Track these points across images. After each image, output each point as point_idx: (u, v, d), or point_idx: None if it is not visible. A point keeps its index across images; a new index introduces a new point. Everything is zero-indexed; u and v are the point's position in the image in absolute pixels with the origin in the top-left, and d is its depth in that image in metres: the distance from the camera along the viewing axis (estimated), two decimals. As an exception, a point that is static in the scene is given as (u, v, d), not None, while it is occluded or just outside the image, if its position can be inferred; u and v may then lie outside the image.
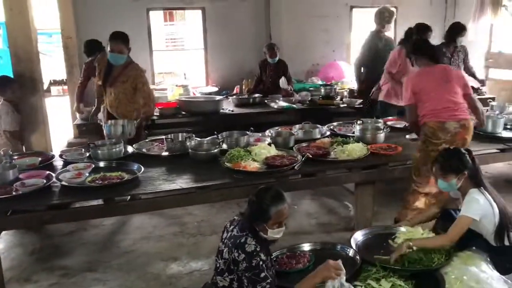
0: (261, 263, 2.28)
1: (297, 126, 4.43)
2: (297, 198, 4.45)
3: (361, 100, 6.12)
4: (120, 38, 4.07)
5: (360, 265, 2.73)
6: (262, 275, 2.26)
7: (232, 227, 2.49)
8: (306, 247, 3.01)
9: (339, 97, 6.40)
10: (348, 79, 7.57)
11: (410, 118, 3.70)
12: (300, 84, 7.36)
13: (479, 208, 2.79)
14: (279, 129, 4.44)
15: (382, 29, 5.44)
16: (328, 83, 7.33)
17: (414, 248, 2.80)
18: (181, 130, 4.36)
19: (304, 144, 3.99)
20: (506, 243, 2.86)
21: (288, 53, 7.35)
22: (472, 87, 6.65)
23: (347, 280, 2.44)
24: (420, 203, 3.62)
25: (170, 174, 3.40)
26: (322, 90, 6.46)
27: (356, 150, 3.74)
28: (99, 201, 3.08)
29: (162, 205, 3.30)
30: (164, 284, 3.10)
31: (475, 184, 2.92)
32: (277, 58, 6.53)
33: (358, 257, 2.80)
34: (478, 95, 6.57)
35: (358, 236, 3.10)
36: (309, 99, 6.28)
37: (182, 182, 3.24)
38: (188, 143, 3.82)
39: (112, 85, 4.21)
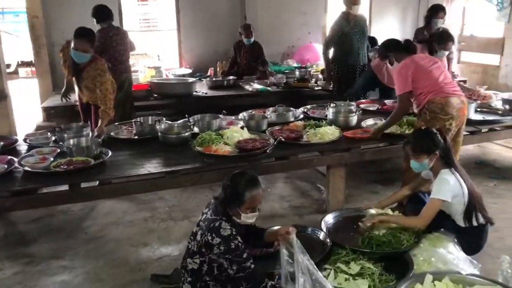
0: (240, 244, 2.30)
1: (271, 109, 4.39)
2: (270, 182, 4.42)
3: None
4: (85, 37, 3.80)
5: (330, 248, 2.74)
6: (245, 255, 2.30)
7: (207, 210, 2.49)
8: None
9: (314, 80, 6.39)
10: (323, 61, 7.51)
11: (404, 106, 3.60)
12: (275, 66, 7.28)
13: (450, 189, 2.82)
14: (253, 112, 4.39)
15: (350, 10, 5.38)
16: (304, 65, 7.28)
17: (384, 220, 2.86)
18: (153, 113, 4.25)
19: (277, 127, 3.96)
20: (474, 223, 2.91)
21: (263, 35, 7.25)
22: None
23: (317, 264, 2.48)
24: None
25: (139, 158, 3.32)
26: (297, 73, 6.44)
27: (329, 133, 3.73)
28: (65, 187, 2.98)
29: (130, 191, 3.23)
30: (133, 270, 3.04)
31: (446, 164, 2.94)
32: (252, 39, 6.43)
33: (328, 240, 2.80)
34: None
35: (329, 219, 3.11)
36: (284, 81, 6.24)
37: (151, 167, 3.17)
38: (158, 127, 3.73)
39: (78, 80, 4.02)
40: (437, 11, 5.33)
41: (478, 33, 7.66)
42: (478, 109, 4.51)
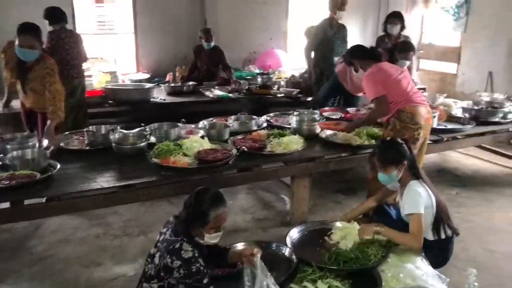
0: (201, 268, 2.14)
1: (233, 117, 4.23)
2: (232, 193, 4.25)
3: (298, 90, 6.04)
4: (30, 32, 3.45)
5: (296, 265, 2.60)
6: (205, 280, 2.14)
7: (165, 229, 2.31)
8: (239, 247, 2.83)
9: (276, 87, 6.28)
10: (285, 68, 7.45)
11: (382, 109, 3.47)
12: (237, 72, 7.13)
13: (422, 201, 2.75)
14: (214, 120, 4.21)
15: (334, 15, 5.33)
16: (266, 71, 7.16)
17: (381, 233, 2.75)
18: (107, 121, 3.99)
19: (239, 137, 3.80)
20: (442, 236, 2.86)
21: (224, 39, 7.07)
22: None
23: (282, 283, 2.35)
24: None
25: (91, 171, 3.07)
26: (259, 79, 6.30)
27: (293, 142, 3.61)
28: (6, 204, 2.70)
29: (80, 207, 2.97)
30: (84, 293, 2.80)
31: (414, 175, 2.88)
32: (212, 43, 6.24)
33: (293, 256, 2.67)
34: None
35: (294, 234, 2.98)
36: (246, 88, 6.10)
37: (103, 181, 2.93)
38: (111, 136, 3.49)
39: (24, 82, 3.67)
40: (392, 17, 5.36)
41: (436, 42, 7.81)
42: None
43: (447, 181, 4.68)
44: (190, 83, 6.12)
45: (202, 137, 3.64)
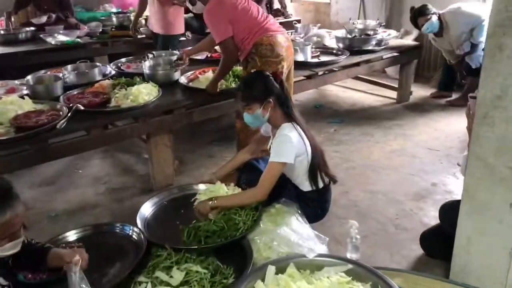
0: None
1: (69, 67, 3.39)
2: (84, 159, 3.52)
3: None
4: None
5: (145, 251, 2.05)
6: None
7: None
8: (72, 235, 2.20)
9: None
10: (148, 5, 6.50)
11: (231, 54, 2.93)
12: (89, 13, 6.08)
13: (292, 148, 2.31)
14: (44, 73, 3.35)
15: None
16: (125, 10, 6.19)
17: (218, 206, 2.27)
18: None
19: (76, 92, 3.04)
20: (320, 184, 2.50)
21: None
22: (277, 9, 6.36)
23: (129, 276, 1.85)
24: None
25: None
26: (114, 19, 5.37)
27: (143, 93, 2.95)
28: None
29: None
30: None
31: (286, 115, 2.42)
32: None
33: (143, 239, 2.11)
34: (285, 17, 6.30)
35: (146, 209, 2.39)
36: (100, 30, 5.17)
37: None
38: None
39: None
40: None
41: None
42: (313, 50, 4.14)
43: (324, 118, 4.40)
44: (27, 28, 5.02)
45: (22, 96, 2.81)
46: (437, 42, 4.56)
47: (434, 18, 4.28)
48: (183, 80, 3.32)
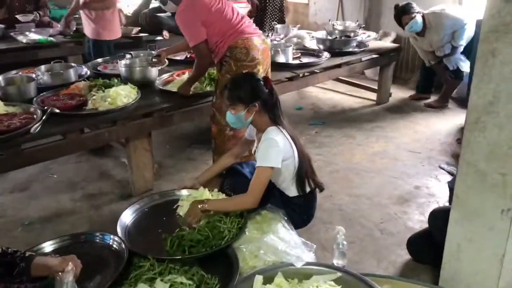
0: None
1: (42, 67, 3.25)
2: (58, 164, 3.37)
3: (138, 29, 5.18)
4: None
5: (127, 261, 1.96)
6: None
7: None
8: (48, 246, 2.09)
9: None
10: (129, 2, 6.35)
11: (204, 59, 2.85)
12: (62, 10, 5.87)
13: (279, 152, 2.25)
14: (15, 74, 3.20)
15: None
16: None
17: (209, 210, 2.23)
18: None
19: (50, 94, 2.91)
20: (307, 189, 2.45)
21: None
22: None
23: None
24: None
25: None
26: (89, 18, 5.19)
27: (122, 95, 2.84)
28: None
29: None
30: None
31: (272, 120, 2.36)
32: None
33: (124, 249, 2.02)
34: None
35: (127, 217, 2.30)
36: (74, 29, 4.99)
37: None
38: None
39: None
40: None
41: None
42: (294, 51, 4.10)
43: (305, 120, 4.36)
44: (-5, 25, 4.82)
45: (-7, 98, 2.67)
46: (418, 42, 4.57)
47: (419, 17, 4.27)
48: (158, 82, 3.22)
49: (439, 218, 2.04)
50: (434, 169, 3.34)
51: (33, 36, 4.64)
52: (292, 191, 2.44)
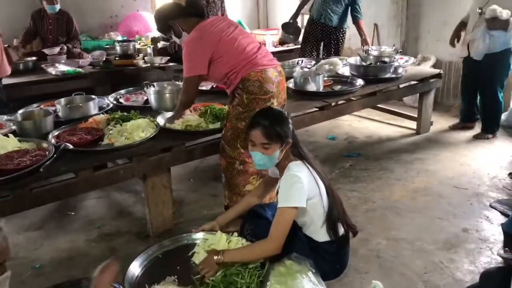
0: None
1: (62, 100, 3.14)
2: (76, 200, 3.24)
3: (168, 58, 5.08)
4: None
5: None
6: None
7: None
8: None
9: (141, 55, 5.23)
10: (155, 32, 6.34)
11: (190, 95, 2.73)
12: (93, 42, 5.92)
13: (303, 189, 2.01)
14: (36, 107, 3.11)
15: None
16: (132, 38, 6.03)
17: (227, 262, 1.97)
18: None
19: (67, 128, 2.78)
20: (340, 233, 2.18)
21: (75, 1, 5.80)
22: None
23: None
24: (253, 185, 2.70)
25: None
26: (118, 48, 5.16)
27: (140, 128, 2.67)
28: None
29: None
30: None
31: (296, 155, 2.15)
32: (58, 6, 5.04)
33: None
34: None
35: (136, 267, 2.08)
36: (104, 59, 4.98)
37: None
38: None
39: None
40: None
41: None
42: (326, 78, 3.86)
43: (338, 151, 4.08)
44: (28, 58, 4.85)
45: (6, 135, 2.56)
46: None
47: None
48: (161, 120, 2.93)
49: (494, 279, 1.71)
50: (485, 208, 2.97)
51: (62, 67, 4.63)
52: (321, 235, 2.17)
